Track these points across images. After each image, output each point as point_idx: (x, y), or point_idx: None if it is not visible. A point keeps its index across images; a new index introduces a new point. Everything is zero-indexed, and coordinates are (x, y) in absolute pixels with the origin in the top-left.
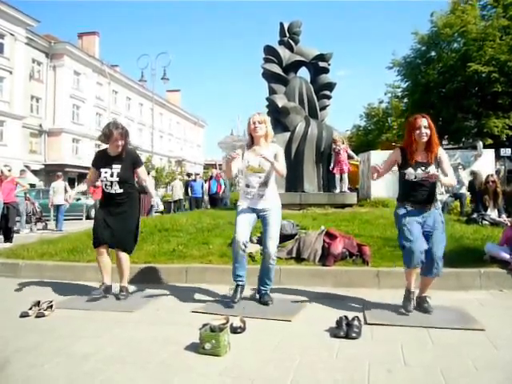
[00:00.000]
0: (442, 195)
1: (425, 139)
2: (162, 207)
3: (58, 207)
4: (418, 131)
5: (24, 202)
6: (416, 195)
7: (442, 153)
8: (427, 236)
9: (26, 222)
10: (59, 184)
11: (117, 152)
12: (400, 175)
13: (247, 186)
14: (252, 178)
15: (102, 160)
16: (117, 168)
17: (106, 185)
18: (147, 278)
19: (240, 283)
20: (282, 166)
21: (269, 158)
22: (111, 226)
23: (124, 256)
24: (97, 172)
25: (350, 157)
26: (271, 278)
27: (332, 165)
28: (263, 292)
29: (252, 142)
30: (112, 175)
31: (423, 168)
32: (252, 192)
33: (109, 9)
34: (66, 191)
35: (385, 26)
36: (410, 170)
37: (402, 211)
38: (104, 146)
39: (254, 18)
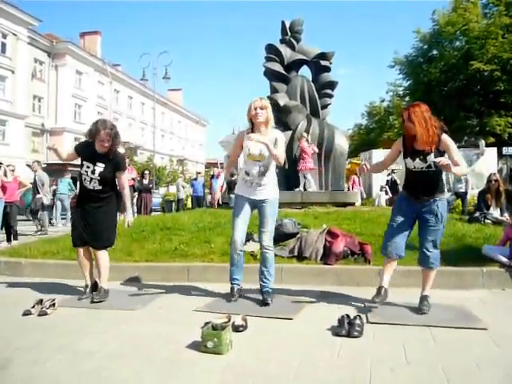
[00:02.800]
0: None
1: (412, 132)
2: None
3: None
4: (404, 125)
5: (69, 199)
6: (416, 184)
7: (445, 139)
8: (421, 227)
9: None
10: None
11: (103, 151)
12: (404, 163)
13: (247, 173)
14: (252, 167)
15: (88, 152)
16: (100, 167)
17: (85, 179)
18: (149, 277)
19: (236, 286)
20: (280, 152)
21: (266, 142)
22: (87, 224)
23: (100, 254)
24: (75, 156)
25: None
26: (271, 272)
27: (299, 163)
28: (264, 289)
29: (252, 128)
30: (93, 172)
31: (421, 157)
32: (251, 180)
33: (110, 8)
34: None
35: (385, 26)
36: (408, 160)
37: (400, 197)
38: None
39: (255, 17)
